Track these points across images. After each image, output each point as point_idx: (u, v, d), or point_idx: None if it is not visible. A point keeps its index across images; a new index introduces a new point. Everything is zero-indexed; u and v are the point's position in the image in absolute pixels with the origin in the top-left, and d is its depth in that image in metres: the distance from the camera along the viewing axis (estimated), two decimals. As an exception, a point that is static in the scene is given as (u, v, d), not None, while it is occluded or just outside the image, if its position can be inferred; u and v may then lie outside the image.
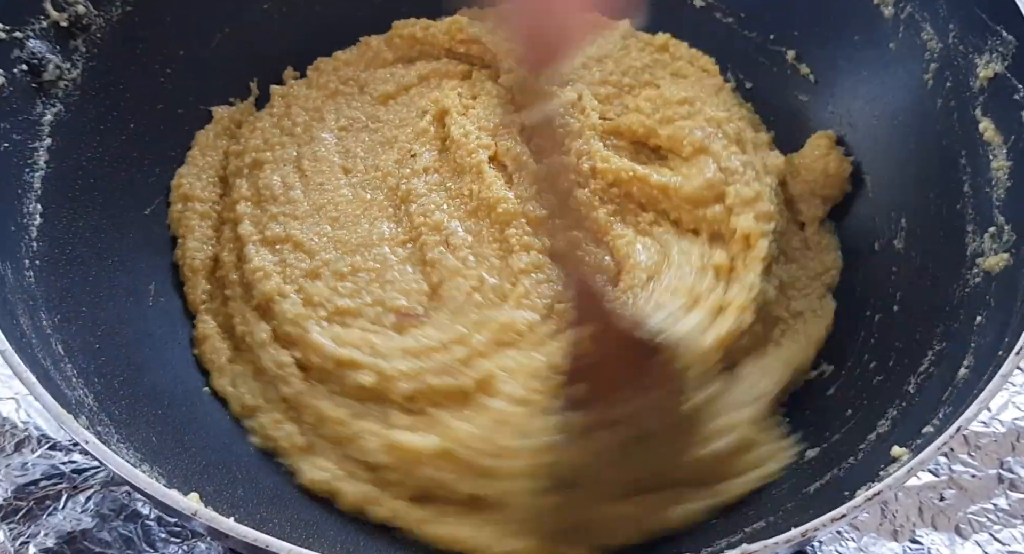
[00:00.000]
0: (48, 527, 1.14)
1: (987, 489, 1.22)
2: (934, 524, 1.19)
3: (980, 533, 1.18)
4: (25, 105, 1.12)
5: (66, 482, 1.18)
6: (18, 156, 1.10)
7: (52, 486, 1.18)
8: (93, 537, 1.14)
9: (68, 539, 1.14)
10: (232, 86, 1.42)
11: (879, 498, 0.86)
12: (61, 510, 1.16)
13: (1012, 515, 1.20)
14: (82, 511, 1.16)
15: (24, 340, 0.95)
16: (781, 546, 0.83)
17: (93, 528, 1.14)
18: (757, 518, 1.01)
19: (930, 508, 1.20)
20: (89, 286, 1.13)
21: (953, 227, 1.16)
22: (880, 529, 1.18)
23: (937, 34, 1.22)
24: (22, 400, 1.25)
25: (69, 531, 1.14)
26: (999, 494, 1.21)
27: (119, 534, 1.14)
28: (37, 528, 1.14)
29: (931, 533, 1.18)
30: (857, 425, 1.10)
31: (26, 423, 1.23)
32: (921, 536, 1.18)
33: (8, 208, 1.07)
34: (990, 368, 0.95)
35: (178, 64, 1.32)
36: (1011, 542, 1.17)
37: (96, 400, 1.00)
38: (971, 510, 1.20)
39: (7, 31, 1.10)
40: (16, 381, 1.21)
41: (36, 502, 1.16)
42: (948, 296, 1.11)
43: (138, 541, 1.13)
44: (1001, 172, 1.12)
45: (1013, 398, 1.28)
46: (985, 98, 1.15)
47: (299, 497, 1.09)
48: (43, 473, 1.18)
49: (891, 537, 1.18)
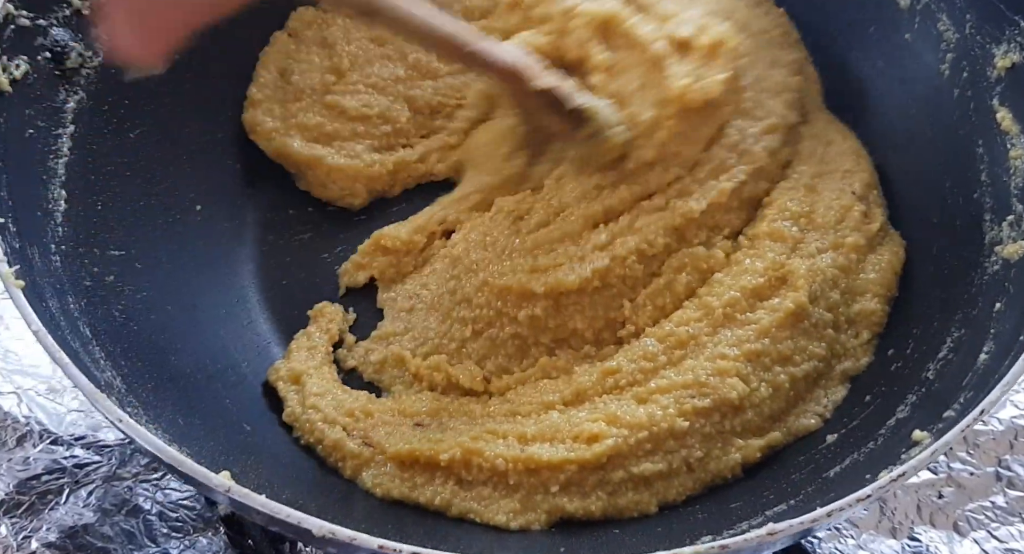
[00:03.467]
0: (50, 522, 1.15)
1: (985, 487, 1.22)
2: (932, 522, 1.19)
3: (978, 531, 1.19)
4: (48, 92, 1.13)
5: (68, 477, 1.18)
6: (42, 142, 1.11)
7: (54, 481, 1.18)
8: (95, 531, 1.14)
9: (70, 534, 1.14)
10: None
11: (903, 479, 0.87)
12: (63, 505, 1.16)
13: (1010, 513, 1.20)
14: (84, 506, 1.16)
15: (54, 322, 0.96)
16: (807, 525, 0.84)
17: (95, 522, 1.15)
18: (777, 501, 1.02)
19: (928, 506, 1.21)
20: (114, 271, 1.14)
21: (971, 215, 1.17)
22: (879, 527, 1.19)
23: (954, 24, 1.23)
24: (23, 394, 1.25)
25: (71, 526, 1.14)
26: (997, 492, 1.22)
27: (121, 529, 1.14)
28: (39, 523, 1.15)
29: (929, 531, 1.19)
30: (876, 411, 1.10)
31: (28, 418, 1.23)
32: (919, 534, 1.19)
33: (34, 193, 1.08)
34: (1012, 353, 0.95)
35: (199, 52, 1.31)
36: (1009, 540, 1.18)
37: (124, 382, 1.00)
38: (969, 508, 1.20)
39: (31, 19, 1.11)
40: (18, 376, 1.26)
41: (38, 496, 1.17)
42: (967, 283, 1.12)
43: (140, 536, 1.14)
44: (1019, 161, 1.13)
45: (1011, 396, 1.28)
46: (1003, 88, 1.16)
47: (324, 477, 1.10)
48: (45, 468, 1.19)
49: (890, 534, 1.18)
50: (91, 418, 1.23)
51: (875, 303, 1.19)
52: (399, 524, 1.03)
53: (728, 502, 1.07)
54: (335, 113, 1.37)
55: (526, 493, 1.07)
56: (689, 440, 1.09)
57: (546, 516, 1.06)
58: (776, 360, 1.13)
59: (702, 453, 1.09)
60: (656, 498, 1.08)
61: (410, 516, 1.06)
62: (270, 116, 1.36)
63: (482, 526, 1.06)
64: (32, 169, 1.09)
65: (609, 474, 1.07)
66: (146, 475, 1.19)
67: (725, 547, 0.81)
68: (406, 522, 1.04)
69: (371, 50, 1.41)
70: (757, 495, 1.06)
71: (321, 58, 1.40)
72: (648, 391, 1.11)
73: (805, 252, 1.20)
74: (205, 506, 1.16)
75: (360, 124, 1.37)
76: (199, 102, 1.33)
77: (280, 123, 1.36)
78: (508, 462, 1.06)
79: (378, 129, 1.38)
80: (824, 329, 1.16)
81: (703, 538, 0.96)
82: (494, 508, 1.07)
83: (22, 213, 1.04)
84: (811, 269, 1.17)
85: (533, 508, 1.06)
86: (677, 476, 1.09)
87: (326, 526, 0.80)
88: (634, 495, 1.08)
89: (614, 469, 1.07)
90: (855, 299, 1.19)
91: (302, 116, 1.36)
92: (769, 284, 1.17)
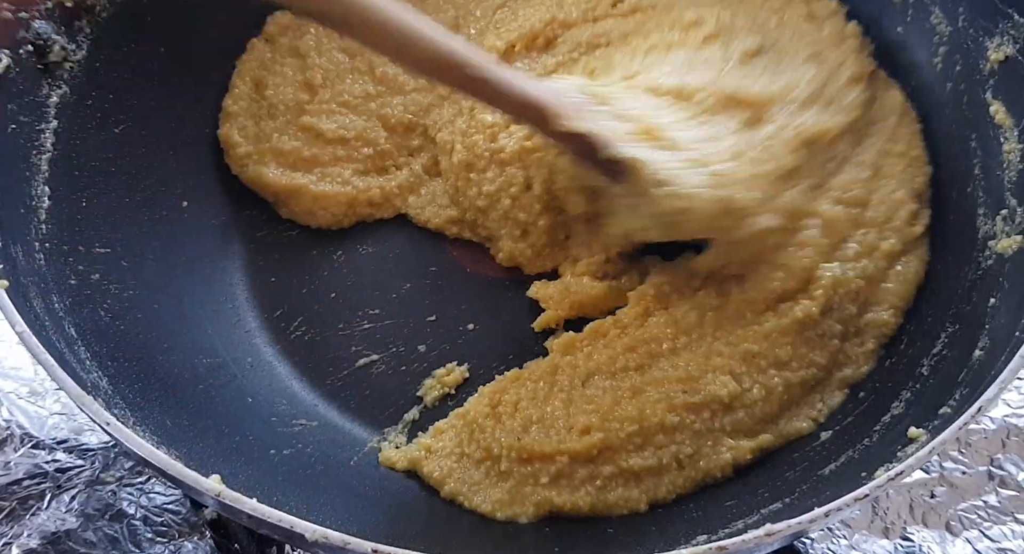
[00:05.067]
0: (31, 527, 1.13)
1: (977, 486, 1.22)
2: (925, 521, 1.19)
3: (970, 530, 1.19)
4: (31, 87, 1.11)
5: (50, 481, 1.17)
6: (25, 138, 1.10)
7: (35, 485, 1.16)
8: (78, 537, 1.12)
9: (52, 539, 1.12)
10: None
11: (901, 477, 0.86)
12: (45, 510, 1.14)
13: (1002, 512, 1.20)
14: (66, 511, 1.14)
15: (39, 323, 0.95)
16: (804, 525, 0.83)
17: (78, 528, 1.13)
18: (772, 500, 1.01)
19: (921, 505, 1.21)
20: (99, 269, 1.12)
21: (964, 210, 1.16)
22: (871, 527, 1.19)
23: (946, 17, 1.22)
24: (4, 397, 1.24)
25: (53, 531, 1.13)
26: (989, 491, 1.22)
27: (104, 534, 1.13)
28: (20, 528, 1.13)
29: (922, 530, 1.19)
30: (870, 408, 1.10)
31: (8, 421, 1.21)
32: (912, 533, 1.18)
33: (17, 190, 1.07)
34: (1007, 349, 0.95)
35: (183, 46, 1.30)
36: (1001, 539, 1.18)
37: (110, 383, 0.99)
38: (961, 507, 1.20)
39: (13, 11, 1.09)
40: None
41: (19, 502, 1.15)
42: (960, 278, 1.12)
43: (124, 541, 1.12)
44: (1012, 154, 1.12)
45: (1004, 395, 1.27)
46: (996, 81, 1.16)
47: (315, 479, 1.09)
48: (26, 472, 1.17)
49: (882, 534, 1.18)
50: (73, 421, 1.22)
51: (889, 314, 1.16)
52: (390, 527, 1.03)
53: (722, 501, 1.07)
54: (311, 136, 1.34)
55: (516, 483, 1.07)
56: (679, 436, 1.09)
57: (533, 509, 1.06)
58: (772, 364, 1.12)
59: (692, 449, 1.08)
60: (646, 495, 1.08)
61: (404, 516, 1.05)
62: (244, 137, 1.33)
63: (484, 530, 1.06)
64: (14, 165, 1.08)
65: (599, 468, 1.08)
66: (130, 479, 1.17)
67: (723, 549, 0.81)
68: (398, 524, 1.04)
69: (342, 63, 1.38)
70: (751, 493, 1.05)
71: (294, 71, 1.37)
72: (644, 381, 1.11)
73: (840, 256, 1.16)
74: (191, 510, 1.15)
75: (340, 148, 1.35)
76: (184, 97, 1.31)
77: (253, 147, 1.33)
78: (504, 448, 1.07)
79: (359, 152, 1.35)
80: (830, 339, 1.14)
81: (698, 538, 0.96)
82: (482, 496, 1.08)
83: (4, 210, 1.03)
84: (836, 281, 1.14)
85: (521, 501, 1.07)
86: (667, 472, 1.08)
87: (319, 530, 0.79)
88: (624, 491, 1.08)
89: (604, 463, 1.08)
90: (870, 309, 1.16)
91: (276, 140, 1.33)
92: (796, 288, 1.15)
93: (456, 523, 1.08)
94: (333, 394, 1.22)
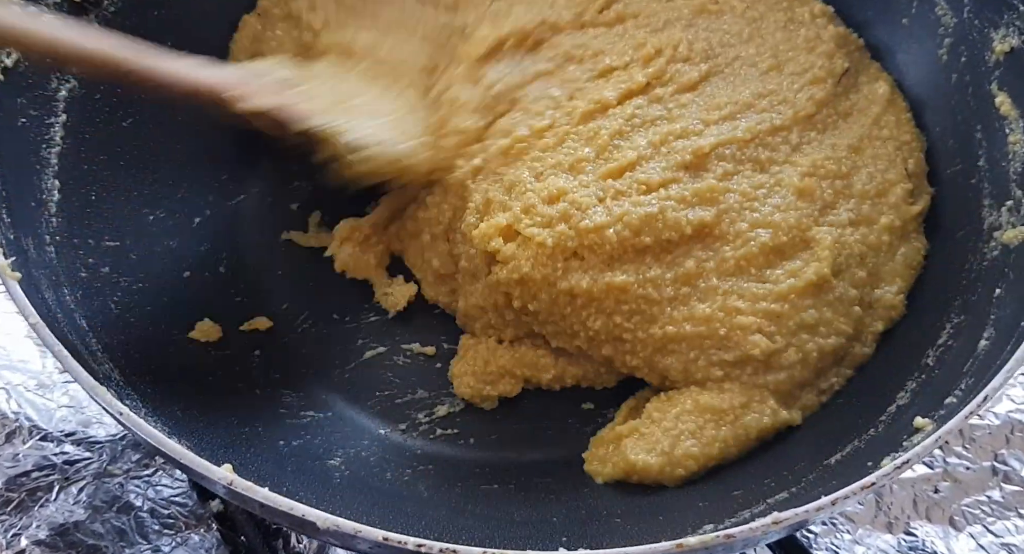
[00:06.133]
0: (40, 519, 1.14)
1: (981, 481, 1.22)
2: (928, 516, 1.20)
3: (974, 525, 1.19)
4: (40, 81, 1.12)
5: (58, 473, 1.17)
6: (35, 132, 1.11)
7: (44, 477, 1.17)
8: (86, 529, 1.13)
9: (60, 531, 1.13)
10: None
11: (907, 466, 0.86)
12: (53, 501, 1.15)
13: (1006, 507, 1.20)
14: (74, 503, 1.15)
15: (51, 315, 0.96)
16: (811, 514, 0.84)
17: (86, 520, 1.14)
18: (779, 489, 1.02)
19: (924, 500, 1.21)
20: (108, 262, 1.13)
21: (969, 201, 1.16)
22: (875, 521, 1.19)
23: (951, 9, 1.23)
24: (12, 390, 1.24)
25: (61, 523, 1.13)
26: (993, 486, 1.22)
27: (112, 526, 1.13)
28: (29, 520, 1.13)
29: (925, 525, 1.19)
30: (876, 397, 1.10)
31: (16, 414, 1.22)
32: (915, 528, 1.19)
33: (27, 184, 1.08)
34: (1012, 340, 0.95)
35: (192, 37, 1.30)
36: (1005, 534, 1.18)
37: (121, 375, 1.00)
38: (965, 502, 1.21)
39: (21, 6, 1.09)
40: (6, 371, 1.25)
41: (28, 493, 1.16)
42: (966, 269, 1.12)
43: (131, 533, 1.13)
44: (1018, 146, 1.13)
45: (1007, 390, 1.28)
46: (1001, 72, 1.16)
47: (324, 470, 1.10)
48: (34, 464, 1.18)
49: (886, 529, 1.19)
50: (81, 414, 1.23)
51: (897, 298, 1.15)
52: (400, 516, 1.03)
53: (728, 490, 1.07)
54: None
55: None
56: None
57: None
58: (801, 327, 1.11)
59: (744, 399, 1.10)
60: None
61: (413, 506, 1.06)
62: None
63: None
64: (25, 159, 1.09)
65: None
66: (137, 471, 1.18)
67: (731, 537, 0.81)
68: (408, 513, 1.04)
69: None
70: (758, 482, 1.05)
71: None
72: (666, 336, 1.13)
73: (835, 220, 1.16)
74: (197, 502, 1.16)
75: None
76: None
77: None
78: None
79: None
80: (850, 306, 1.13)
81: (704, 527, 0.96)
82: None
83: (16, 204, 1.03)
84: (837, 241, 1.14)
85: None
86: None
87: (330, 518, 0.79)
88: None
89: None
90: (880, 284, 1.16)
91: None
92: (792, 244, 1.14)
93: (466, 514, 1.09)
94: (341, 386, 1.22)
